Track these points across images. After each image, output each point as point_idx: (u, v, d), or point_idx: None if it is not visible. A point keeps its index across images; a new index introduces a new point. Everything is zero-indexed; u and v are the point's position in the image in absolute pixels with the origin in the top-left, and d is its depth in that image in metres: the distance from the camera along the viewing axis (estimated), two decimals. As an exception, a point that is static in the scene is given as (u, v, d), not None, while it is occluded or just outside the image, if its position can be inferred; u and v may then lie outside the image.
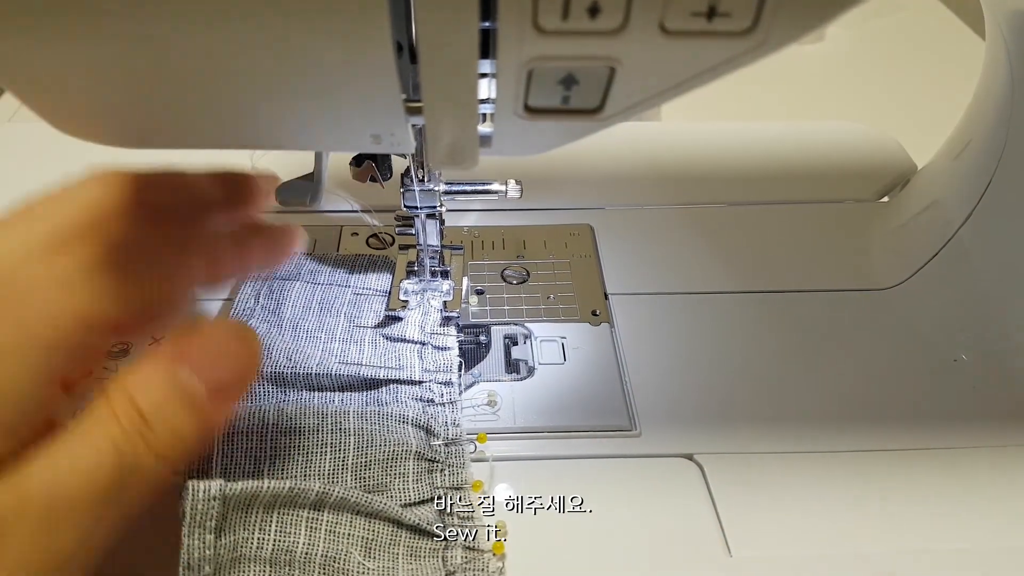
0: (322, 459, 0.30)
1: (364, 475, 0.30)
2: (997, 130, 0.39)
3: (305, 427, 0.31)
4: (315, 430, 0.31)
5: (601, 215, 0.47)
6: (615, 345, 0.38)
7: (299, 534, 0.26)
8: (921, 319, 0.41)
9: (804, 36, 0.16)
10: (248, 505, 0.26)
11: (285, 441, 0.30)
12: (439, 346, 0.36)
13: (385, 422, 0.32)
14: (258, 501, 0.26)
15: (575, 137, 0.21)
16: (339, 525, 0.27)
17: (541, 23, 0.16)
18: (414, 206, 0.35)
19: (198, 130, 0.22)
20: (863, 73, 0.69)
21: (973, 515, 0.32)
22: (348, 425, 0.31)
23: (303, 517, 0.27)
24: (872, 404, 0.36)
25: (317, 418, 0.31)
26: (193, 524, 0.25)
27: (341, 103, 0.20)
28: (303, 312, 0.38)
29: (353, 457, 0.30)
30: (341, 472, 0.30)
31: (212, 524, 0.25)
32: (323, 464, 0.30)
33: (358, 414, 0.32)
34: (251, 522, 0.26)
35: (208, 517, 0.25)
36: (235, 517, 0.26)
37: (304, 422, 0.31)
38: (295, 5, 0.16)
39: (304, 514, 0.27)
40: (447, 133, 0.20)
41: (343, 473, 0.30)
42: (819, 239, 0.46)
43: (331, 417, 0.31)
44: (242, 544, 0.26)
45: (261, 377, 0.33)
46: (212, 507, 0.25)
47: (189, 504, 0.25)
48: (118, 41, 0.18)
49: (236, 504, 0.26)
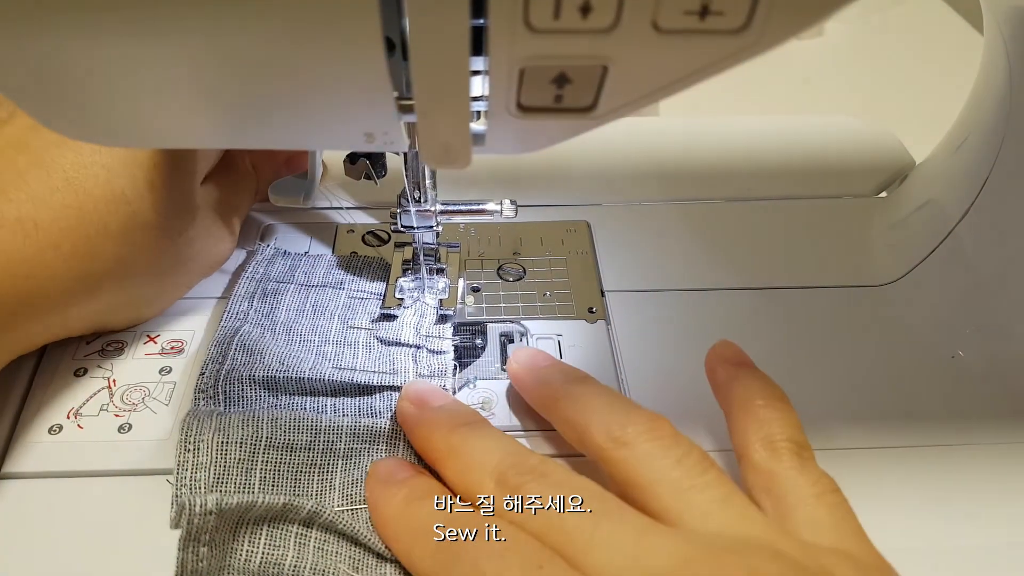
0: (310, 479, 0.30)
1: (351, 492, 0.30)
2: (995, 125, 0.39)
3: (297, 444, 0.31)
4: (306, 448, 0.31)
5: (598, 211, 0.47)
6: (611, 343, 0.38)
7: (288, 547, 0.26)
8: (918, 315, 0.41)
9: (798, 34, 0.16)
10: (240, 518, 0.26)
11: (276, 456, 0.30)
12: (434, 350, 0.35)
13: (376, 443, 0.32)
14: (250, 515, 0.26)
15: (569, 135, 0.21)
16: (328, 543, 0.27)
17: (532, 21, 0.16)
18: (410, 227, 0.36)
19: (187, 129, 0.22)
20: (861, 68, 0.69)
21: (970, 512, 0.32)
22: (340, 446, 0.31)
23: (292, 532, 0.27)
24: (868, 401, 0.36)
25: (310, 435, 0.31)
26: (188, 539, 0.25)
27: (333, 101, 0.20)
28: (296, 315, 0.37)
29: (340, 478, 0.30)
30: (328, 492, 0.30)
31: (207, 538, 0.25)
32: (311, 484, 0.30)
33: (351, 431, 0.32)
34: (241, 533, 0.26)
35: (203, 531, 0.25)
36: (226, 528, 0.26)
37: (297, 438, 0.31)
38: (284, 1, 0.16)
39: (294, 529, 0.27)
40: (440, 131, 0.20)
41: (330, 493, 0.30)
42: (816, 235, 0.46)
43: (323, 435, 0.31)
44: (230, 554, 0.25)
45: (253, 381, 0.33)
46: (208, 521, 0.25)
47: (185, 519, 0.25)
48: (105, 40, 0.17)
49: (230, 519, 0.26)
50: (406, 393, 0.32)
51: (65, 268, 0.30)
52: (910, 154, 0.50)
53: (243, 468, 0.29)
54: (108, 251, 0.32)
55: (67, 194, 0.30)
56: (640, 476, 0.26)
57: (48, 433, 0.32)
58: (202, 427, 0.30)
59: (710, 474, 0.26)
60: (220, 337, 0.35)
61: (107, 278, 0.32)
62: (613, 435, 0.27)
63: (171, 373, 0.35)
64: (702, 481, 0.25)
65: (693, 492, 0.25)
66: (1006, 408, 0.36)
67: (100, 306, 0.34)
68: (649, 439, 0.26)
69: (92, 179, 0.31)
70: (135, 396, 0.34)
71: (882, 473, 0.33)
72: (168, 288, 0.37)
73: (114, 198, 0.31)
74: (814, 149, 0.52)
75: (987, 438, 0.35)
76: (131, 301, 0.35)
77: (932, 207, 0.43)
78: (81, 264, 0.31)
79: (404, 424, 0.32)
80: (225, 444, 0.29)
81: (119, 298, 0.34)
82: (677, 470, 0.25)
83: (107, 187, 0.31)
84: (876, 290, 0.42)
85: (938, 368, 0.38)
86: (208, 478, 0.29)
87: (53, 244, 0.30)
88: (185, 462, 0.29)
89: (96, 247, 0.31)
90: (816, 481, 0.26)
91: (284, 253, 0.41)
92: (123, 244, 0.32)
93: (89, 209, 0.31)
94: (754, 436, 0.28)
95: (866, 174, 0.50)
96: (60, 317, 0.33)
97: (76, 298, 0.32)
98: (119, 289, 0.34)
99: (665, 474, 0.25)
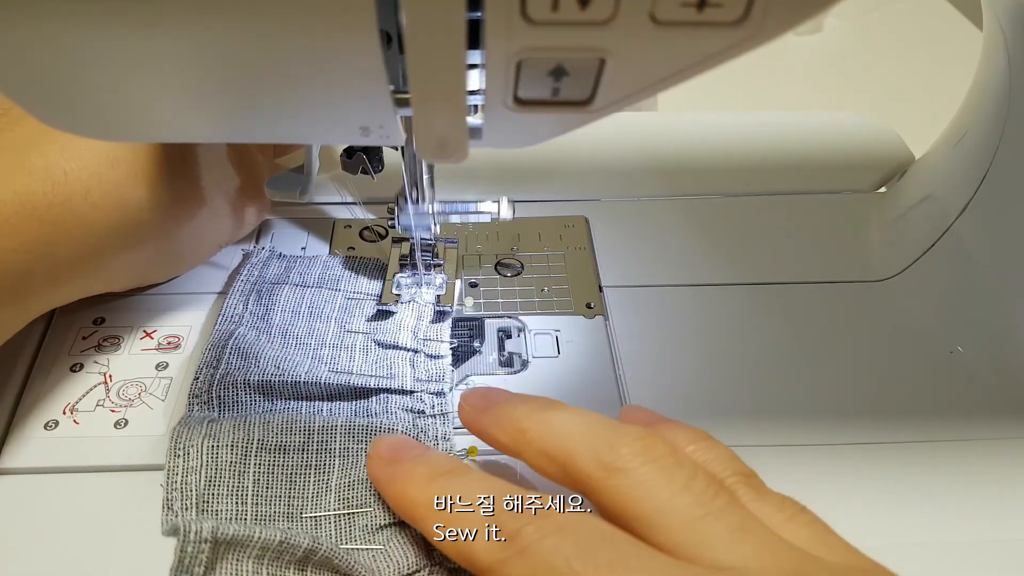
0: (306, 480, 0.30)
1: (348, 495, 0.30)
2: (994, 120, 0.38)
3: (291, 445, 0.30)
4: (301, 449, 0.30)
5: (596, 207, 0.46)
6: (609, 338, 0.38)
7: None
8: (917, 311, 0.41)
9: (796, 26, 0.16)
10: (238, 556, 0.25)
11: (269, 459, 0.30)
12: (432, 354, 0.35)
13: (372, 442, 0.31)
14: (248, 552, 0.25)
15: (566, 129, 0.21)
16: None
17: (530, 13, 0.16)
18: (408, 228, 0.35)
19: (182, 123, 0.21)
20: (860, 63, 0.69)
21: (968, 508, 0.32)
22: (335, 445, 0.31)
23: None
24: (867, 396, 0.36)
25: (303, 436, 0.31)
26: (180, 568, 0.24)
27: (328, 95, 0.20)
28: (292, 317, 0.37)
29: (337, 479, 0.30)
30: (324, 494, 0.30)
31: (200, 571, 0.24)
32: (307, 486, 0.30)
33: (346, 430, 0.31)
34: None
35: (197, 563, 0.24)
36: (223, 569, 0.25)
37: (290, 439, 0.30)
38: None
39: (291, 574, 0.26)
40: (436, 125, 0.20)
41: (327, 495, 0.30)
42: (815, 230, 0.46)
43: (317, 435, 0.31)
44: None
45: (248, 386, 0.33)
46: (202, 551, 0.24)
47: (179, 546, 0.24)
48: (101, 33, 0.17)
49: (225, 551, 0.25)
50: (375, 451, 0.29)
51: (94, 215, 0.31)
52: (909, 149, 0.50)
53: (235, 471, 0.29)
54: (140, 199, 0.32)
55: (97, 143, 0.30)
56: (643, 507, 0.22)
57: (44, 428, 0.32)
58: (191, 433, 0.29)
59: (722, 498, 0.23)
60: (215, 341, 0.34)
61: (141, 226, 0.33)
62: (603, 460, 0.24)
63: (167, 369, 0.35)
64: (716, 507, 0.22)
65: (708, 521, 0.22)
66: (1005, 403, 0.36)
67: (137, 257, 0.34)
68: (645, 461, 0.23)
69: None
70: (131, 392, 0.34)
71: (881, 468, 0.33)
72: (207, 235, 0.38)
73: (146, 145, 0.32)
74: (813, 144, 0.52)
75: (986, 433, 0.35)
76: (168, 250, 0.36)
77: (931, 202, 0.43)
78: (113, 212, 0.31)
79: (377, 483, 0.29)
80: (215, 448, 0.29)
81: (155, 247, 0.35)
82: (685, 496, 0.22)
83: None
84: (875, 285, 0.42)
85: (937, 363, 0.38)
86: (199, 482, 0.28)
87: (83, 191, 0.30)
88: (175, 468, 0.29)
89: (127, 194, 0.31)
90: (781, 506, 0.24)
91: (279, 255, 0.40)
92: (155, 191, 0.32)
93: (119, 156, 0.31)
94: None
95: (865, 169, 0.49)
96: (96, 268, 0.33)
97: (110, 247, 0.32)
98: (155, 238, 0.34)
99: (673, 503, 0.22)
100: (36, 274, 0.30)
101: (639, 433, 0.24)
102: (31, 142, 0.30)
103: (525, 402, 0.27)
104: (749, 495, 0.25)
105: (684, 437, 0.27)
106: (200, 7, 0.16)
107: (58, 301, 0.33)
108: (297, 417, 0.31)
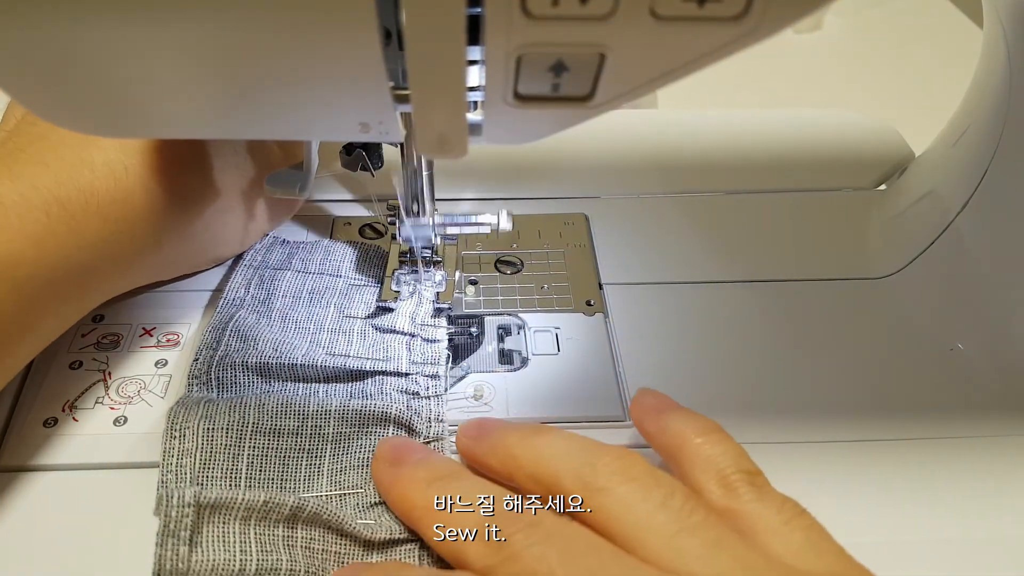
0: (298, 464, 0.30)
1: (340, 479, 0.30)
2: (994, 117, 0.38)
3: (284, 429, 0.30)
4: (294, 433, 0.30)
5: (596, 204, 0.46)
6: (609, 335, 0.38)
7: (280, 552, 0.26)
8: (918, 308, 0.41)
9: (797, 22, 0.16)
10: (223, 519, 0.26)
11: (263, 442, 0.30)
12: (428, 338, 0.35)
13: (365, 426, 0.31)
14: (233, 514, 0.26)
15: (566, 125, 0.21)
16: (313, 541, 0.27)
17: (530, 8, 0.16)
18: (408, 239, 0.36)
19: (183, 119, 0.21)
20: (860, 61, 0.69)
21: (969, 505, 0.32)
22: (328, 430, 0.31)
23: (279, 536, 0.26)
24: (868, 393, 0.36)
25: (297, 420, 0.31)
26: (166, 534, 0.24)
27: (328, 91, 0.20)
28: (293, 302, 0.37)
29: (329, 463, 0.30)
30: (316, 478, 0.30)
31: (186, 535, 0.24)
32: (299, 469, 0.30)
33: (340, 415, 0.31)
34: (231, 541, 0.25)
35: (182, 527, 0.24)
36: (210, 532, 0.25)
37: (285, 423, 0.30)
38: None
39: (280, 532, 0.26)
40: (436, 121, 0.20)
41: (319, 479, 0.30)
42: (816, 228, 0.46)
43: (311, 420, 0.31)
44: (223, 565, 0.25)
45: (246, 367, 0.33)
46: (186, 515, 0.25)
47: (163, 511, 0.24)
48: (100, 28, 0.17)
49: (210, 515, 0.25)
50: (379, 453, 0.30)
51: (153, 209, 0.31)
52: (909, 146, 0.50)
53: (230, 454, 0.29)
54: (193, 189, 0.33)
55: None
56: (622, 525, 0.24)
57: (43, 426, 0.32)
58: (188, 414, 0.30)
59: (698, 514, 0.24)
60: (216, 323, 0.35)
61: (193, 216, 0.34)
62: (584, 480, 0.25)
63: (167, 366, 0.35)
64: (691, 523, 0.23)
65: (683, 536, 0.23)
66: (1005, 400, 0.36)
67: (193, 244, 0.35)
68: (623, 480, 0.24)
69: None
70: (131, 389, 0.34)
71: (880, 466, 0.33)
72: (257, 217, 0.39)
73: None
74: (813, 142, 0.52)
75: (986, 430, 0.35)
76: (216, 236, 0.37)
77: (931, 199, 0.43)
78: (170, 204, 0.32)
79: (379, 485, 0.29)
80: (211, 430, 0.29)
81: (209, 233, 0.36)
82: (662, 514, 0.23)
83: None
84: (875, 282, 0.42)
85: (937, 360, 0.38)
86: (194, 464, 0.28)
87: (143, 186, 0.30)
88: (171, 449, 0.29)
89: (182, 185, 0.32)
90: (781, 508, 0.25)
91: (283, 241, 0.41)
92: (207, 179, 0.33)
93: (170, 146, 0.32)
94: (704, 476, 0.26)
95: (865, 166, 0.49)
96: (155, 260, 0.34)
97: (167, 240, 0.33)
98: (210, 224, 0.35)
99: (650, 520, 0.23)
100: (100, 270, 0.31)
101: (618, 453, 0.25)
102: (88, 136, 0.30)
103: (516, 430, 0.28)
104: (750, 494, 0.25)
105: (693, 429, 0.27)
106: (202, 4, 0.16)
107: (117, 292, 0.34)
108: (293, 400, 0.31)
